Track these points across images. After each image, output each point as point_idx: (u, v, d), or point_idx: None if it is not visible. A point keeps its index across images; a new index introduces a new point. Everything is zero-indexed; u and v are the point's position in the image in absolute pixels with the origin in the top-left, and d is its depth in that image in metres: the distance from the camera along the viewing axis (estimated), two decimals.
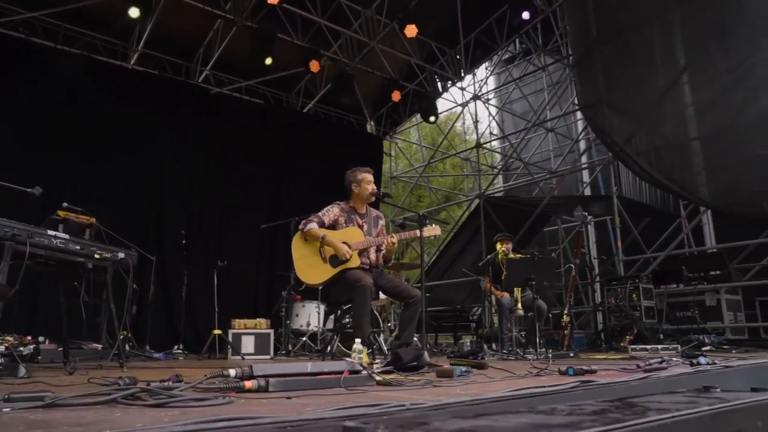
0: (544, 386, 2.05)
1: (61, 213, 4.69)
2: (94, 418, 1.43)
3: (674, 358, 3.47)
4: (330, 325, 6.67)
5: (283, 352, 6.23)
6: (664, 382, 2.36)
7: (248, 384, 2.08)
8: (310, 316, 6.58)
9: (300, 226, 3.88)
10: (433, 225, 3.93)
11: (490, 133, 14.64)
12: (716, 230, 9.37)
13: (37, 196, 3.24)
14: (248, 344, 5.85)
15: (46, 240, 2.93)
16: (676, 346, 5.82)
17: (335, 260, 3.82)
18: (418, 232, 3.87)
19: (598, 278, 9.51)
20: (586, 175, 12.04)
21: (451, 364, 3.23)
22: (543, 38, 11.34)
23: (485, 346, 5.68)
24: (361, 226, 3.99)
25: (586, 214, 7.53)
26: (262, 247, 8.69)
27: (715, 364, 3.16)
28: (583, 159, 11.69)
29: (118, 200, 7.29)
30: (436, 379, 2.72)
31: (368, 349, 3.53)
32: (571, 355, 5.26)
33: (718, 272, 7.15)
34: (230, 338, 5.85)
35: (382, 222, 4.19)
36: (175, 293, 7.01)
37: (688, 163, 7.29)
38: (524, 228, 9.45)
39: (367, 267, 3.93)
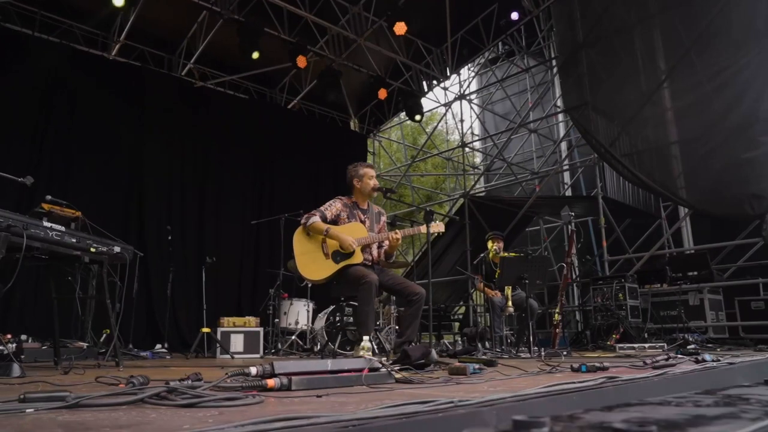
0: (574, 382, 2.02)
1: (45, 206, 4.49)
2: (129, 419, 1.33)
3: (679, 356, 3.49)
4: (318, 323, 6.57)
5: (272, 351, 6.10)
6: (685, 377, 2.36)
7: (270, 382, 2.00)
8: (299, 314, 6.47)
9: (302, 221, 3.78)
10: (437, 222, 3.88)
11: (472, 134, 14.69)
12: (694, 231, 9.58)
13: (28, 186, 3.07)
14: (237, 343, 5.71)
15: (42, 232, 2.77)
16: (662, 344, 5.90)
17: (338, 256, 3.74)
18: (422, 228, 3.83)
19: (578, 279, 9.63)
20: (567, 176, 12.18)
21: (460, 362, 3.19)
22: (526, 40, 11.42)
23: (479, 345, 5.66)
24: (363, 222, 3.91)
25: (572, 214, 7.63)
26: (246, 244, 8.53)
27: (719, 361, 3.19)
28: (565, 160, 11.81)
29: (98, 193, 7.06)
30: (452, 376, 2.67)
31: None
32: (564, 353, 5.27)
33: (697, 273, 7.28)
34: (219, 336, 5.70)
35: (384, 218, 4.13)
36: (158, 290, 6.81)
37: (669, 166, 7.43)
38: (508, 228, 9.49)
39: (370, 263, 3.86)
